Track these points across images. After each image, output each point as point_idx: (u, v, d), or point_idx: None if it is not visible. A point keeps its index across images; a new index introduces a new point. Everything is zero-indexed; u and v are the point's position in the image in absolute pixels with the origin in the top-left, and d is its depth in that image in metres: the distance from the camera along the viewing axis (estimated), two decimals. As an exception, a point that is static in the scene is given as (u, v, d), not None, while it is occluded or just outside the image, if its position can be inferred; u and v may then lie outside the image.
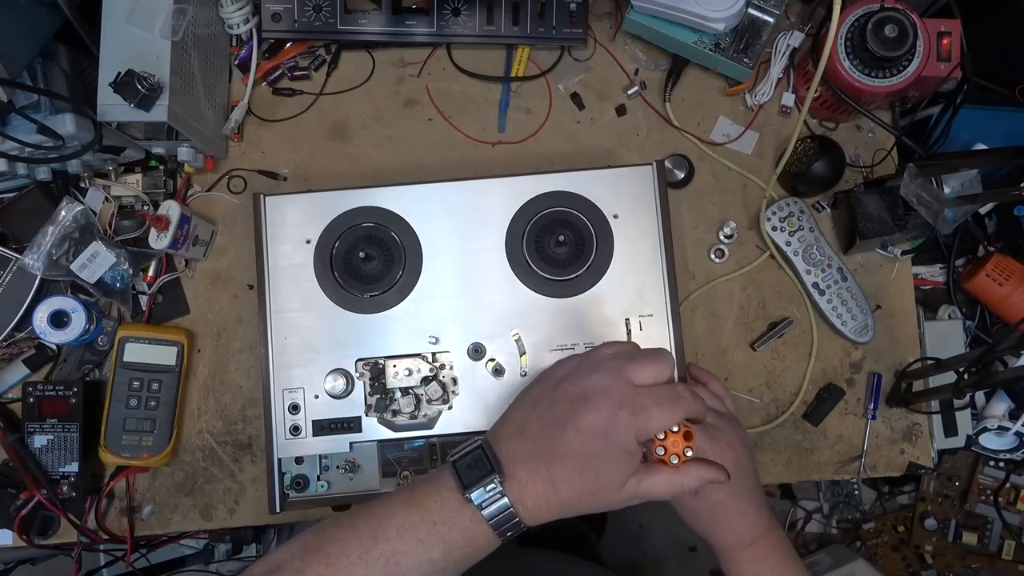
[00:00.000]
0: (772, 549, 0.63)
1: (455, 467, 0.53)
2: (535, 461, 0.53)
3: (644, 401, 0.53)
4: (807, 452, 0.83)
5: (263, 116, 0.87)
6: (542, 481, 0.52)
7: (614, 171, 0.77)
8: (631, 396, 0.53)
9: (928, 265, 0.88)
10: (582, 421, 0.52)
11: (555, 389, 0.56)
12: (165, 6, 0.71)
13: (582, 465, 0.52)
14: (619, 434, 0.52)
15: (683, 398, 0.54)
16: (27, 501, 0.77)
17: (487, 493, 0.51)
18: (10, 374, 0.82)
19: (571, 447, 0.52)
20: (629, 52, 0.87)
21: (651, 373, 0.55)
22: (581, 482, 0.52)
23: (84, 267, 0.78)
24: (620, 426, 0.52)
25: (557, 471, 0.52)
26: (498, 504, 0.51)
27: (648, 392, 0.54)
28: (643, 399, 0.53)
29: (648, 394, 0.53)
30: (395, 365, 0.75)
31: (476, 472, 0.52)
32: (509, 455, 0.53)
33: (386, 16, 0.83)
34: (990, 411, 0.85)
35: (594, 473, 0.52)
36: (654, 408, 0.53)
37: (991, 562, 1.30)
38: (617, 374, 0.54)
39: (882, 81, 0.76)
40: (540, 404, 0.55)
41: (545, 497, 0.52)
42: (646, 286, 0.75)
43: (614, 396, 0.53)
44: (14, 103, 0.70)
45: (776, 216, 0.82)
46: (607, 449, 0.52)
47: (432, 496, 0.53)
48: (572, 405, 0.54)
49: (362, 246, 0.75)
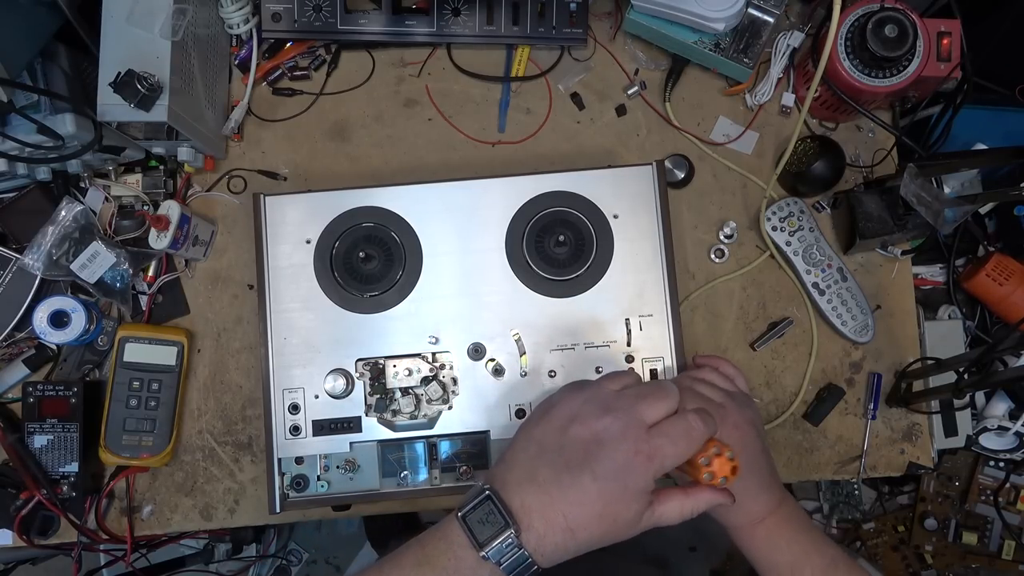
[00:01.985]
0: (785, 521, 0.63)
1: (466, 522, 0.51)
2: (551, 511, 0.51)
3: (659, 442, 0.52)
4: (807, 452, 0.83)
5: (263, 116, 0.87)
6: (560, 531, 0.51)
7: (614, 171, 0.77)
8: (646, 439, 0.52)
9: (928, 265, 0.88)
10: (598, 468, 0.51)
11: (564, 432, 0.54)
12: (165, 6, 0.71)
13: (600, 511, 0.51)
14: (637, 478, 0.51)
15: (695, 429, 0.53)
16: (27, 501, 0.77)
17: (504, 549, 0.50)
18: (10, 374, 0.82)
19: (588, 495, 0.51)
20: (629, 52, 0.87)
21: (661, 409, 0.54)
22: (599, 526, 0.52)
23: (84, 267, 0.78)
24: (638, 470, 0.51)
25: (575, 519, 0.51)
26: (515, 557, 0.50)
27: (660, 431, 0.53)
28: (658, 440, 0.52)
29: (661, 433, 0.53)
30: (395, 365, 0.75)
31: (490, 528, 0.50)
32: (523, 505, 0.52)
33: (386, 16, 0.83)
34: (990, 411, 0.85)
35: (612, 517, 0.52)
36: (669, 447, 0.52)
37: (991, 562, 1.30)
38: (629, 416, 0.53)
39: (882, 81, 0.76)
40: (549, 448, 0.54)
41: (564, 544, 0.52)
42: (646, 286, 0.75)
43: (629, 440, 0.52)
44: (14, 103, 0.70)
45: (776, 216, 0.82)
46: (626, 494, 0.52)
47: (445, 554, 0.51)
48: (585, 450, 0.52)
49: (362, 246, 0.75)
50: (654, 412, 0.54)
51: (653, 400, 0.54)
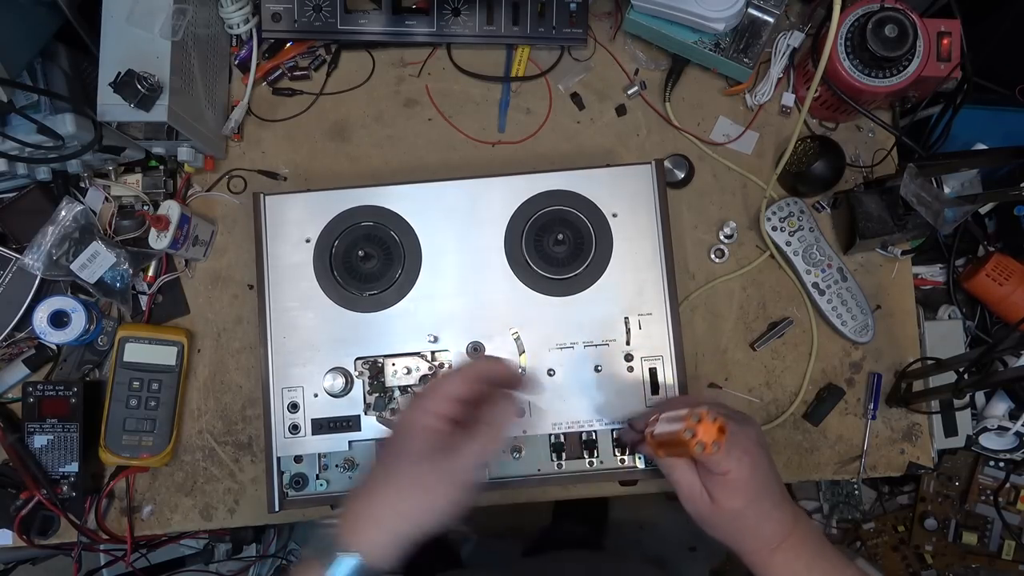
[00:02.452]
0: (802, 544, 0.62)
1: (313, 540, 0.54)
2: (372, 510, 0.55)
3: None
4: (807, 452, 0.83)
5: (263, 116, 0.87)
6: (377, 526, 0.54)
7: (613, 170, 0.77)
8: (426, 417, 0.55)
9: (928, 265, 0.88)
10: (404, 456, 0.55)
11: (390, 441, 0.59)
12: (165, 6, 0.72)
13: (410, 496, 0.54)
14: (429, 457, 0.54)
15: (500, 410, 0.55)
16: (27, 501, 0.77)
17: (339, 558, 0.52)
18: (10, 374, 0.82)
19: (399, 485, 0.55)
20: (629, 52, 0.87)
21: (450, 386, 0.56)
22: (414, 512, 0.54)
23: (84, 267, 0.78)
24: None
25: (382, 512, 0.55)
26: (350, 563, 0.52)
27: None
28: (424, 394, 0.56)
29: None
30: (394, 364, 0.75)
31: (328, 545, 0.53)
32: (349, 512, 0.55)
33: (386, 16, 0.83)
34: (990, 411, 0.85)
35: (424, 502, 0.54)
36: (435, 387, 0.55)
37: (991, 562, 1.30)
38: (418, 400, 0.56)
39: (882, 81, 0.76)
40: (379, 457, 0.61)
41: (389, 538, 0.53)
42: (645, 285, 0.75)
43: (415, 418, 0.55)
44: (14, 103, 0.70)
45: (776, 216, 0.82)
46: (432, 475, 0.54)
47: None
48: (394, 445, 0.56)
49: (362, 245, 0.75)
50: (444, 389, 0.55)
51: (440, 381, 0.56)
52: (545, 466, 0.75)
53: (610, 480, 0.76)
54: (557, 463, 0.74)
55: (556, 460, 0.74)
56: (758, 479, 0.60)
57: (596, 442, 0.74)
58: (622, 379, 0.74)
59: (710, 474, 0.60)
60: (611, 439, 0.74)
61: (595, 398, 0.74)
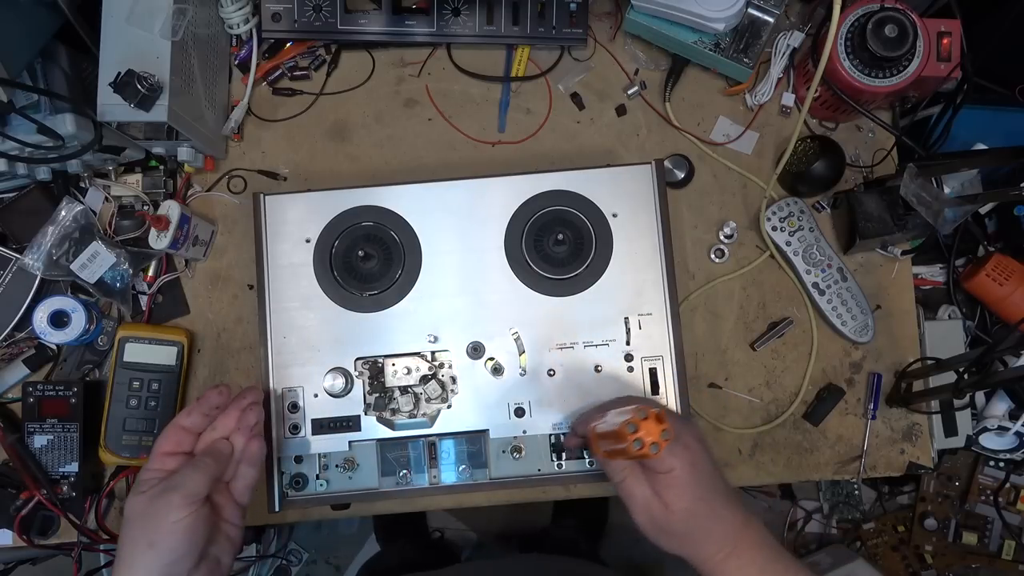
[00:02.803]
0: (755, 549, 0.61)
1: None
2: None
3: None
4: (807, 452, 0.83)
5: (263, 116, 0.87)
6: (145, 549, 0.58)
7: (613, 170, 0.77)
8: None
9: (928, 265, 0.88)
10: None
11: None
12: (165, 6, 0.71)
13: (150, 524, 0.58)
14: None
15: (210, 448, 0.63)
16: (27, 501, 0.77)
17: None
18: (10, 374, 0.82)
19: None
20: (629, 52, 0.87)
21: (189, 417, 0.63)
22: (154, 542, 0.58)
23: (84, 267, 0.78)
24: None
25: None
26: None
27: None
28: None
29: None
30: (394, 364, 0.75)
31: None
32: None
33: (386, 16, 0.83)
34: (990, 411, 0.85)
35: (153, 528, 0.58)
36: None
37: (991, 562, 1.30)
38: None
39: (882, 81, 0.76)
40: None
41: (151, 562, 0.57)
42: (645, 285, 0.75)
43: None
44: (14, 103, 0.70)
45: (776, 216, 0.82)
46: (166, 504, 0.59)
47: None
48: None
49: (361, 245, 0.75)
50: (153, 450, 0.62)
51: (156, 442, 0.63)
52: (545, 466, 0.75)
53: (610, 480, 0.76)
54: (557, 463, 0.74)
55: (556, 460, 0.74)
56: (703, 475, 0.60)
57: (596, 442, 0.74)
58: (622, 379, 0.74)
59: (656, 476, 0.60)
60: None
61: (595, 398, 0.74)
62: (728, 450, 0.83)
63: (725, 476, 0.63)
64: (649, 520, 0.61)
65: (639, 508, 0.61)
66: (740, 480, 0.83)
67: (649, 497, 0.61)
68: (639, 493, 0.61)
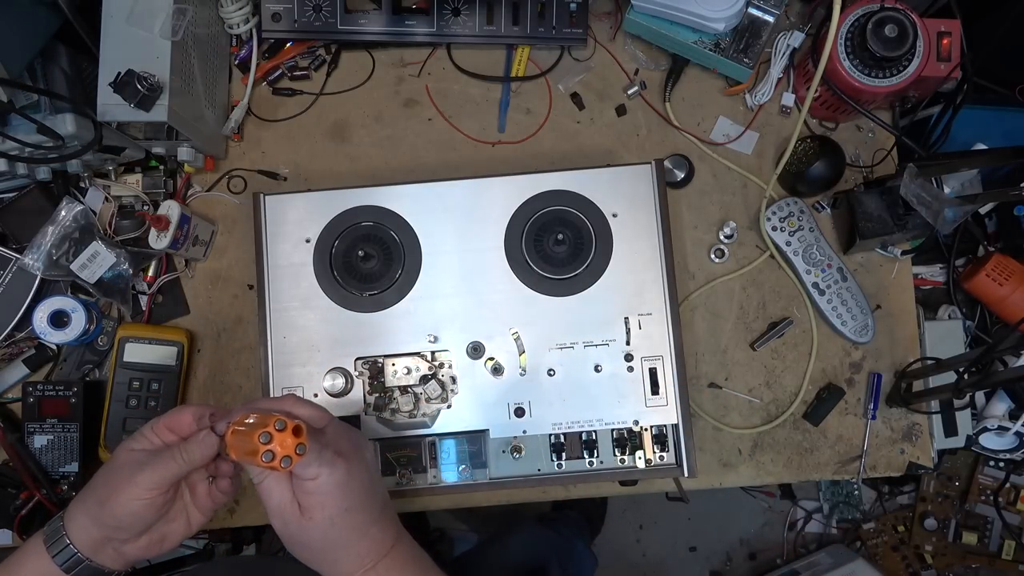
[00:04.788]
0: (400, 565, 0.57)
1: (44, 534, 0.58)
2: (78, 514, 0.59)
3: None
4: (807, 452, 0.83)
5: (263, 116, 0.87)
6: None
7: (613, 170, 0.77)
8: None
9: (928, 265, 0.88)
10: None
11: None
12: (165, 6, 0.72)
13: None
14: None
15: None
16: (27, 501, 0.77)
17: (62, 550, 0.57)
18: (10, 374, 0.82)
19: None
20: (629, 52, 0.87)
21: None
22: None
23: (84, 267, 0.78)
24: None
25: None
26: (69, 554, 0.57)
27: None
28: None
29: None
30: (394, 364, 0.75)
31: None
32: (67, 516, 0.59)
33: (386, 16, 0.83)
34: (990, 411, 0.85)
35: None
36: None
37: (991, 562, 1.30)
38: None
39: (882, 81, 0.76)
40: None
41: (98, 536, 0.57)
42: (645, 285, 0.75)
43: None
44: (14, 103, 0.70)
45: (776, 216, 0.82)
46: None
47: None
48: None
49: (361, 245, 0.75)
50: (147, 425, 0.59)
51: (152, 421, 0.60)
52: (545, 466, 0.75)
53: (610, 480, 0.76)
54: (557, 463, 0.74)
55: (556, 460, 0.74)
56: (354, 487, 0.55)
57: (596, 442, 0.74)
58: (622, 379, 0.74)
59: (300, 481, 0.54)
60: (611, 439, 0.74)
61: (595, 398, 0.74)
62: (728, 450, 0.83)
63: (387, 493, 0.60)
64: (283, 526, 0.55)
65: (274, 512, 0.55)
66: (740, 480, 0.83)
67: (287, 502, 0.54)
68: (276, 495, 0.54)
